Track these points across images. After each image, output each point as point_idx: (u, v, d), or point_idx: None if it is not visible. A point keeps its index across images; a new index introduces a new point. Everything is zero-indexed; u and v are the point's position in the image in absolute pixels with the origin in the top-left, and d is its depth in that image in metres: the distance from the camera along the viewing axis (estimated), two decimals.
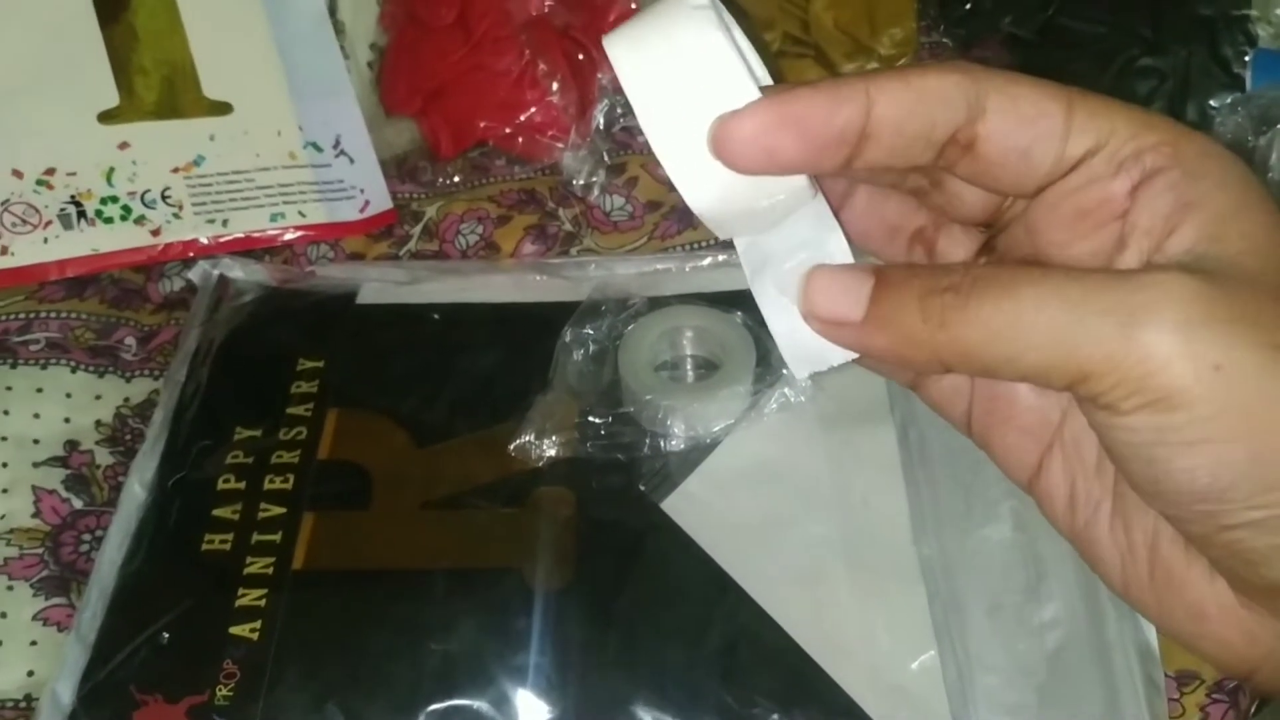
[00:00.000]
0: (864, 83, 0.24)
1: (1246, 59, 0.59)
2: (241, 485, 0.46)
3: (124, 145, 0.57)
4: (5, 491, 0.48)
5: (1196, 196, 0.23)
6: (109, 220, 0.55)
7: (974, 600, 0.41)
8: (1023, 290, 0.22)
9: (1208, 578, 0.25)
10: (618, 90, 0.62)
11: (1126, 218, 0.24)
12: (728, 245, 0.48)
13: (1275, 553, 0.23)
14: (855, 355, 0.26)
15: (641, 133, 0.25)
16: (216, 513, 0.45)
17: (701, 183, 0.24)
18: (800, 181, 0.25)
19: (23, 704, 0.43)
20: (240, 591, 0.42)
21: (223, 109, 0.59)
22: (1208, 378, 0.21)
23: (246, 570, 0.43)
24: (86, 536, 0.47)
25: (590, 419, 0.47)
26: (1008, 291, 0.22)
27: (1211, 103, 0.59)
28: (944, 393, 0.29)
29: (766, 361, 0.47)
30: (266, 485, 0.46)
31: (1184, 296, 0.21)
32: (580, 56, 0.61)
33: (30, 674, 0.44)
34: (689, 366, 0.50)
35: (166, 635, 0.41)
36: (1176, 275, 0.22)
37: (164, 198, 0.56)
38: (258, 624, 0.42)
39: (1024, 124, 0.24)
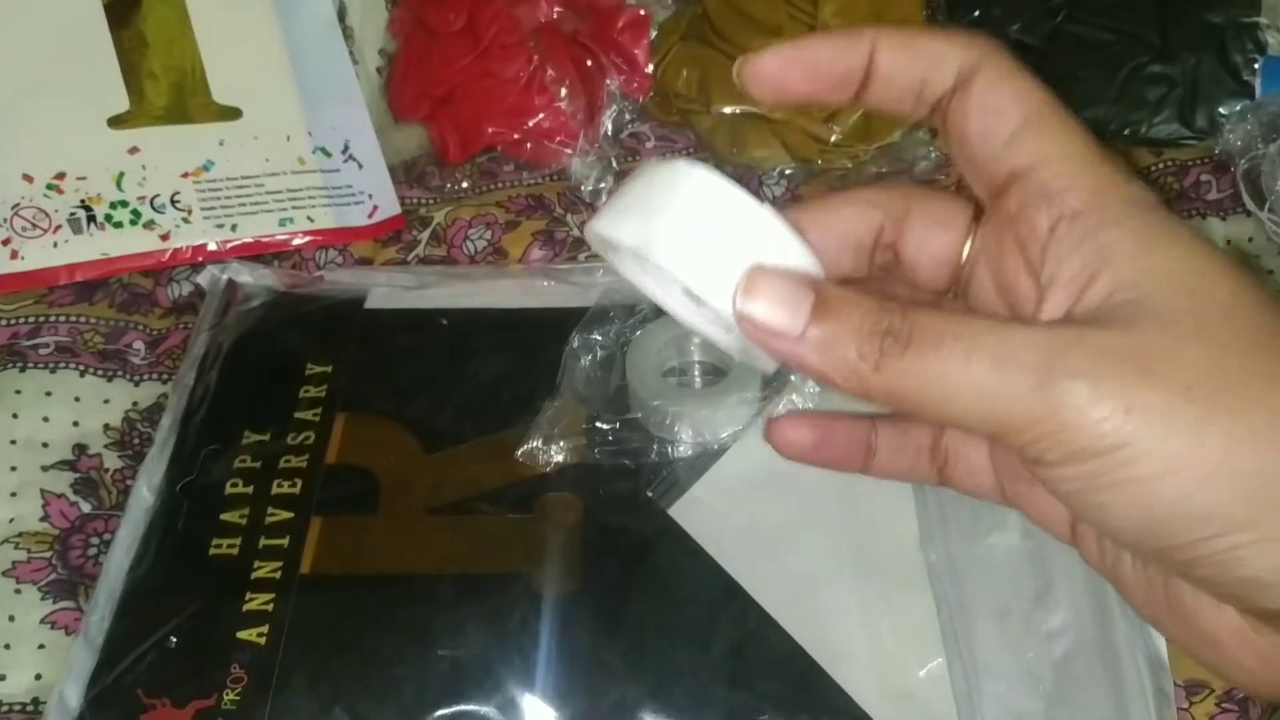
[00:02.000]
0: (871, 33, 0.27)
1: (1256, 66, 0.59)
2: (249, 489, 0.46)
3: (134, 150, 0.57)
4: (14, 495, 0.48)
5: (1113, 245, 0.24)
6: (118, 224, 0.55)
7: (981, 607, 0.41)
8: (951, 345, 0.23)
9: (1215, 605, 0.25)
10: (626, 96, 0.62)
11: (1047, 266, 0.25)
12: None
13: (1250, 585, 0.23)
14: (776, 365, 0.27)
15: (650, 139, 0.26)
16: (224, 517, 0.45)
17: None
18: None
19: (30, 707, 0.43)
20: (248, 596, 0.42)
21: (232, 114, 0.59)
22: (1120, 423, 0.22)
23: (254, 574, 0.43)
24: (95, 540, 0.47)
25: (598, 425, 0.47)
26: (937, 345, 0.23)
27: (1220, 110, 0.59)
28: (971, 474, 0.31)
29: None
30: (274, 489, 0.46)
31: (1095, 350, 0.22)
32: (589, 63, 0.61)
33: (38, 677, 0.44)
34: (697, 372, 0.50)
35: (174, 639, 0.41)
36: (1088, 331, 0.23)
37: (173, 202, 0.56)
38: (265, 628, 0.42)
39: (988, 115, 0.26)
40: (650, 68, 0.62)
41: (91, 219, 0.55)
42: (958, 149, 0.27)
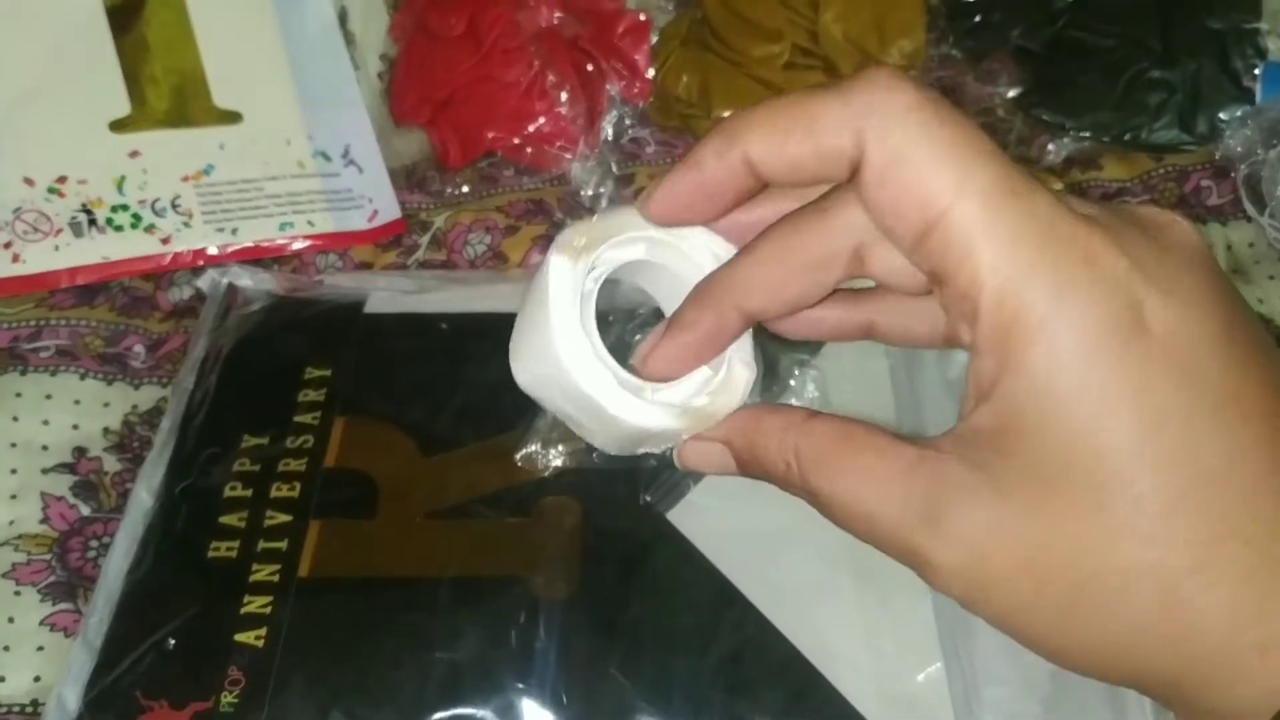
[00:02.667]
0: (742, 139, 0.24)
1: (1256, 72, 0.59)
2: (248, 493, 0.46)
3: (135, 154, 0.57)
4: (14, 498, 0.48)
5: (991, 378, 0.22)
6: (119, 228, 0.55)
7: None
8: (846, 476, 0.25)
9: None
10: (626, 101, 0.62)
11: (969, 365, 0.24)
12: None
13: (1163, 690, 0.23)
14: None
15: (650, 144, 0.26)
16: (223, 520, 0.45)
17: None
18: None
19: (29, 709, 0.43)
20: (246, 598, 0.42)
21: (233, 118, 0.59)
22: (961, 598, 0.24)
23: (252, 577, 0.43)
24: (94, 543, 0.47)
25: None
26: (833, 472, 0.26)
27: (1221, 115, 0.59)
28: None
29: (773, 372, 0.47)
30: (273, 493, 0.46)
31: (956, 485, 0.23)
32: (589, 68, 0.62)
33: (37, 679, 0.44)
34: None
35: (172, 641, 0.41)
36: (954, 470, 0.23)
37: (174, 206, 0.56)
38: (263, 631, 0.42)
39: (885, 215, 0.23)
40: (651, 73, 0.62)
41: (92, 222, 0.55)
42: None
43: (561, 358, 0.25)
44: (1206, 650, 0.21)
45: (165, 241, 0.56)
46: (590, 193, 0.59)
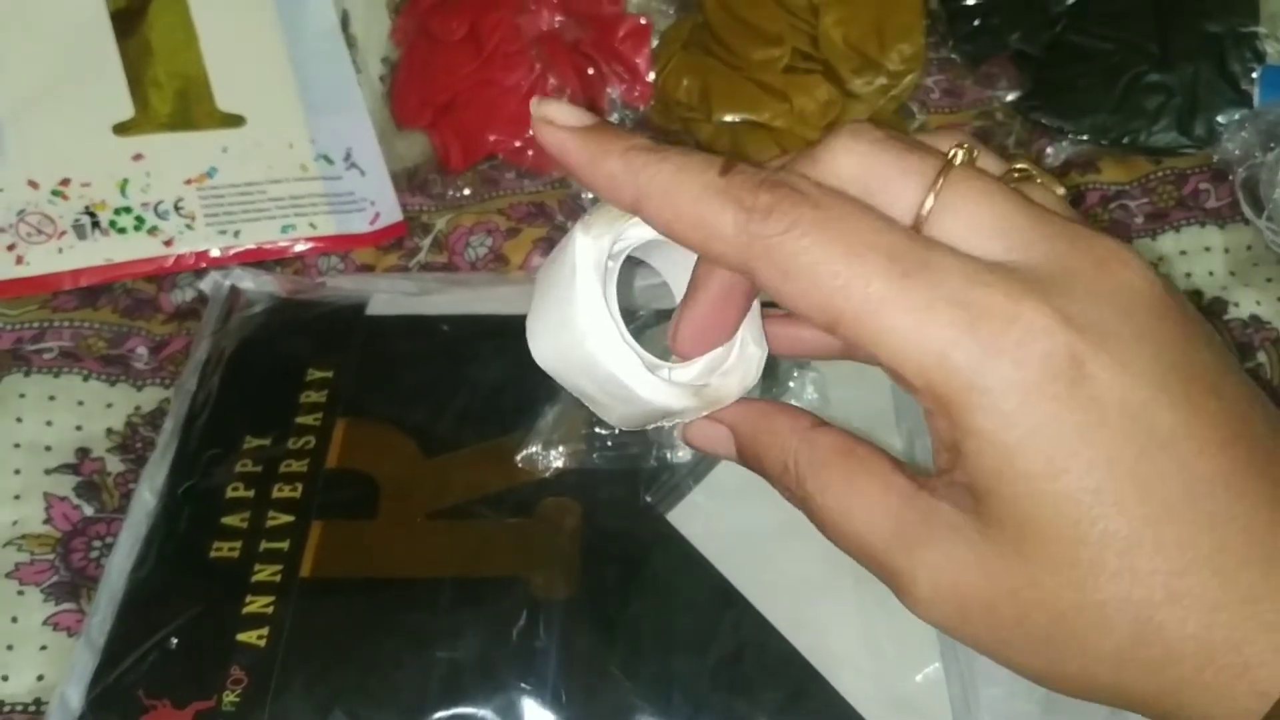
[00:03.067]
0: (631, 189, 0.24)
1: (1254, 75, 0.59)
2: (250, 493, 0.46)
3: (138, 157, 0.57)
4: (17, 498, 0.48)
5: (957, 448, 0.23)
6: (122, 230, 0.56)
7: None
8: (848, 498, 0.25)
9: None
10: (627, 105, 0.62)
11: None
12: None
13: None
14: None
15: None
16: (225, 520, 0.45)
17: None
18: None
19: (32, 708, 0.43)
20: (248, 598, 0.43)
21: (235, 121, 0.59)
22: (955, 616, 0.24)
23: (254, 577, 0.43)
24: (97, 543, 0.47)
25: (597, 430, 0.47)
26: (829, 485, 0.26)
27: (1219, 119, 0.59)
28: None
29: (773, 374, 0.47)
30: (275, 493, 0.46)
31: (944, 524, 0.24)
32: (590, 71, 0.62)
33: (40, 678, 0.44)
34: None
35: (175, 641, 0.42)
36: (943, 510, 0.24)
37: (177, 209, 0.57)
38: (265, 631, 0.42)
39: (794, 315, 0.24)
40: (651, 76, 0.63)
41: (96, 225, 0.56)
42: None
43: (586, 333, 0.25)
44: (1185, 674, 0.22)
45: (168, 244, 0.56)
46: (591, 196, 0.60)
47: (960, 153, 0.24)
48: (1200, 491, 0.22)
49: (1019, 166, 0.25)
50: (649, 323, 0.49)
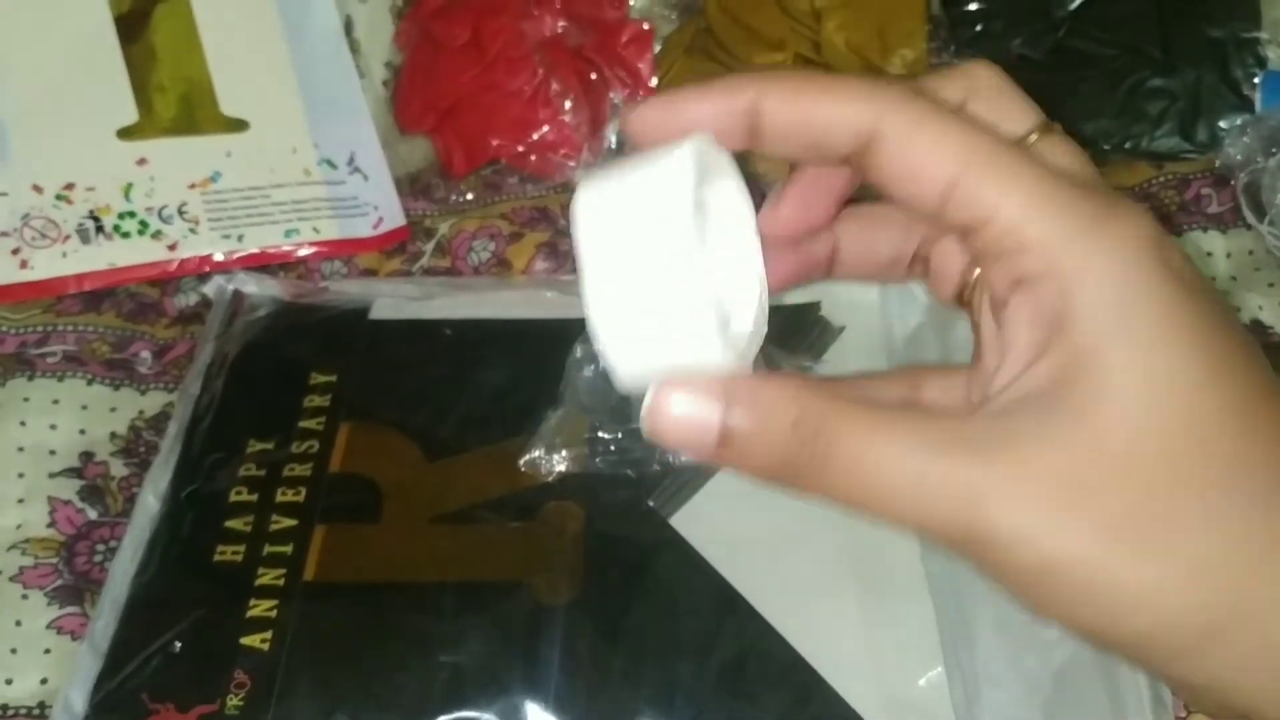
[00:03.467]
0: (755, 87, 0.24)
1: (1256, 81, 0.59)
2: (254, 497, 0.46)
3: (142, 161, 0.57)
4: (21, 501, 0.48)
5: (1065, 317, 0.22)
6: (126, 235, 0.56)
7: (981, 616, 0.41)
8: (879, 448, 0.23)
9: None
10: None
11: (1005, 329, 0.24)
12: None
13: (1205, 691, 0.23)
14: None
15: None
16: (229, 524, 0.45)
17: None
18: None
19: (36, 711, 0.43)
20: (251, 602, 0.43)
21: (239, 126, 0.60)
22: (1042, 561, 0.22)
23: (258, 581, 0.43)
24: (100, 547, 0.48)
25: (600, 435, 0.47)
26: (866, 446, 0.23)
27: (1221, 124, 0.59)
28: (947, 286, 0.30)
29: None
30: (278, 497, 0.46)
31: (1017, 479, 0.22)
32: (593, 76, 0.62)
33: (44, 682, 0.44)
34: None
35: (178, 645, 0.42)
36: (1013, 447, 0.22)
37: (180, 213, 0.57)
38: (269, 634, 0.42)
39: (905, 179, 0.24)
40: (654, 81, 0.63)
41: (100, 229, 0.56)
42: (895, 200, 0.25)
43: (678, 273, 0.23)
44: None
45: (172, 248, 0.56)
46: None
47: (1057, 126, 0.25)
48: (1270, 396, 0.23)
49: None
50: None
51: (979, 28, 0.64)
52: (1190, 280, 0.23)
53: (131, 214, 0.56)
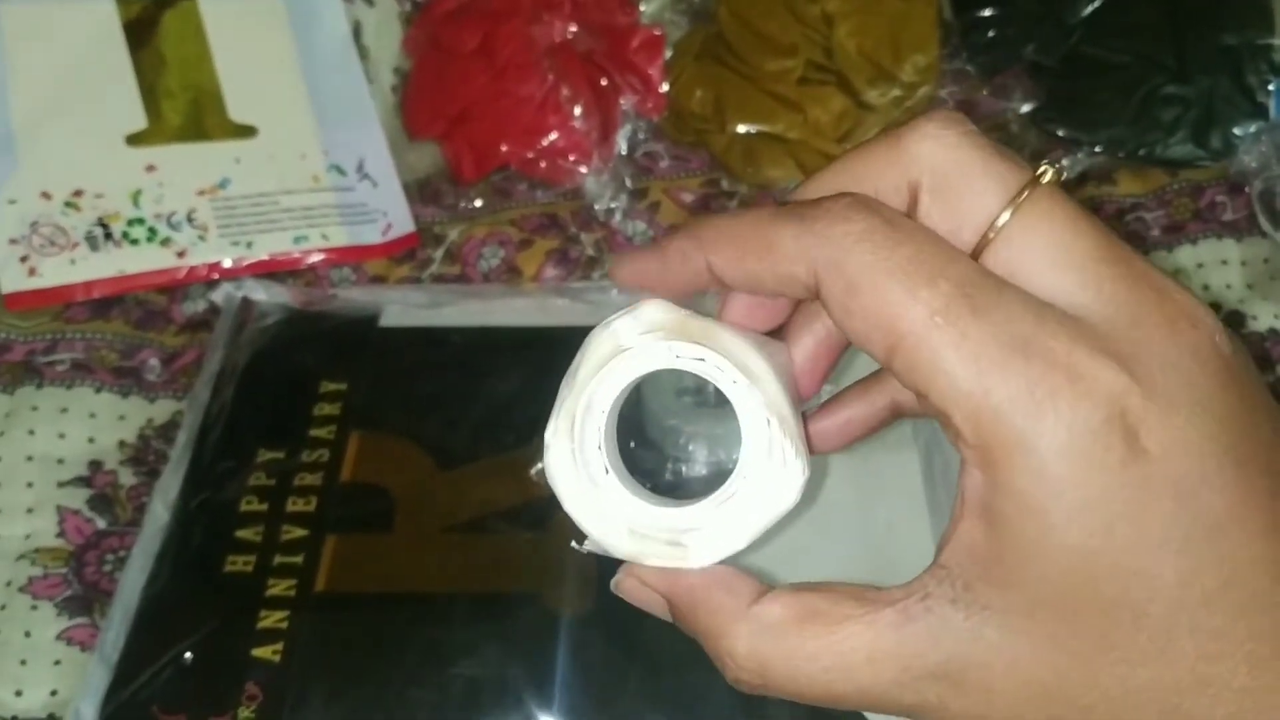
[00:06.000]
0: (704, 251, 0.24)
1: (1270, 88, 0.59)
2: (264, 507, 0.46)
3: (151, 168, 0.57)
4: (30, 511, 0.48)
5: (990, 512, 0.22)
6: (135, 242, 0.56)
7: None
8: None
9: None
10: (641, 116, 0.62)
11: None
12: None
13: None
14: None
15: (664, 158, 0.26)
16: (239, 534, 0.45)
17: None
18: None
19: None
20: (262, 613, 0.42)
21: (248, 132, 0.59)
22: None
23: (269, 592, 0.43)
24: (110, 556, 0.47)
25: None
26: (805, 659, 0.24)
27: (1235, 131, 0.59)
28: None
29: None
30: (289, 507, 0.46)
31: (957, 633, 0.22)
32: (603, 82, 0.62)
33: (54, 693, 0.44)
34: (712, 391, 0.50)
35: (189, 656, 0.41)
36: (949, 616, 0.22)
37: (189, 220, 0.57)
38: (280, 646, 0.42)
39: (852, 335, 0.23)
40: (664, 87, 0.62)
41: (108, 236, 0.55)
42: None
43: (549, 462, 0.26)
44: None
45: (180, 255, 0.56)
46: (603, 206, 0.59)
47: (1050, 172, 0.22)
48: (1241, 578, 0.21)
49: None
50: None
51: (991, 34, 0.64)
52: (1174, 440, 0.20)
53: (140, 221, 0.56)
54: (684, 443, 0.46)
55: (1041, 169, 0.22)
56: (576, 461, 0.26)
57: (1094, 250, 0.22)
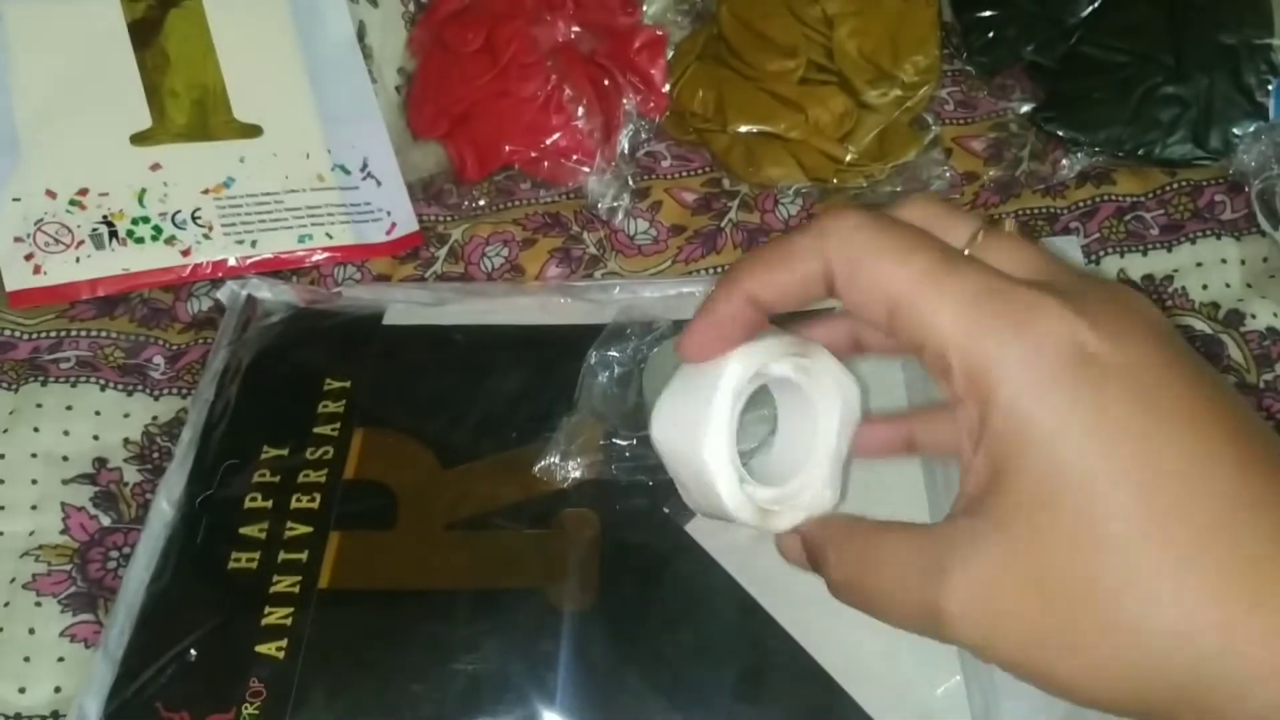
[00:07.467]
0: (746, 287, 0.29)
1: (1269, 88, 0.59)
2: (268, 504, 0.46)
3: (155, 166, 0.57)
4: (35, 508, 0.48)
5: (984, 435, 0.25)
6: (140, 240, 0.56)
7: None
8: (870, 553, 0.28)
9: None
10: (643, 116, 0.62)
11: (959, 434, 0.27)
12: None
13: None
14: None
15: (666, 158, 0.29)
16: (243, 531, 0.45)
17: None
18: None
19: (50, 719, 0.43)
20: (266, 610, 0.43)
21: (253, 131, 0.60)
22: (987, 658, 0.25)
23: (273, 589, 0.43)
24: (114, 553, 0.47)
25: (615, 441, 0.47)
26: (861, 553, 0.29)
27: (1234, 131, 0.59)
28: None
29: None
30: (293, 504, 0.46)
31: (959, 599, 0.25)
32: (606, 82, 0.62)
33: (58, 690, 0.44)
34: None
35: (193, 653, 0.42)
36: (960, 525, 0.26)
37: (194, 218, 0.57)
38: (284, 642, 0.42)
39: (858, 309, 0.27)
40: (666, 87, 0.63)
41: (113, 235, 0.56)
42: None
43: (705, 444, 0.30)
44: (1204, 652, 0.22)
45: (185, 253, 0.56)
46: (606, 205, 0.60)
47: (1008, 221, 0.28)
48: (1204, 467, 0.23)
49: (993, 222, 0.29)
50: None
51: (991, 34, 0.64)
52: (1126, 359, 0.24)
53: (145, 219, 0.56)
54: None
55: (995, 215, 0.28)
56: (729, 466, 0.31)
57: (1041, 258, 0.27)
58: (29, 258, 0.54)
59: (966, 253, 0.27)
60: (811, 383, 0.32)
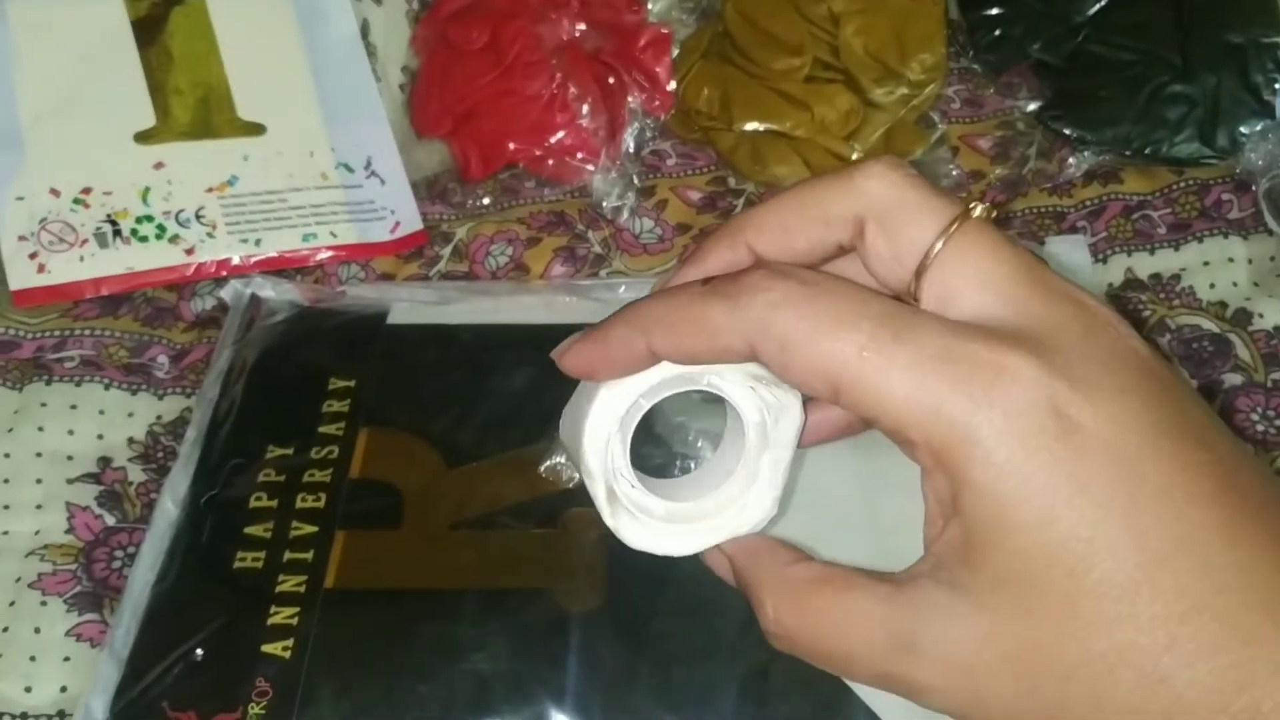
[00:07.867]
0: (646, 334, 0.26)
1: (1276, 86, 0.59)
2: (273, 503, 0.46)
3: (159, 165, 0.57)
4: (39, 508, 0.48)
5: (958, 505, 0.23)
6: (144, 239, 0.56)
7: None
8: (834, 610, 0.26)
9: None
10: (648, 114, 0.62)
11: (924, 492, 0.25)
12: None
13: None
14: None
15: (671, 156, 0.28)
16: (248, 530, 0.45)
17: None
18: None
19: (56, 719, 0.43)
20: (272, 609, 0.42)
21: (256, 130, 0.59)
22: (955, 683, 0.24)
23: (278, 588, 0.43)
24: (119, 553, 0.47)
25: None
26: (811, 616, 0.27)
27: (1241, 129, 0.59)
28: None
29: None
30: (298, 503, 0.46)
31: (934, 607, 0.24)
32: (610, 80, 0.62)
33: (63, 690, 0.44)
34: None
35: (199, 653, 0.41)
36: (930, 593, 0.24)
37: (198, 217, 0.57)
38: (290, 642, 0.42)
39: (797, 384, 0.26)
40: (672, 85, 0.63)
41: (117, 233, 0.55)
42: None
43: (584, 456, 0.30)
44: None
45: (189, 252, 0.56)
46: (611, 204, 0.59)
47: (980, 208, 0.25)
48: (1194, 538, 0.22)
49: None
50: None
51: (997, 32, 0.64)
52: (1109, 422, 0.22)
53: (149, 218, 0.56)
54: (692, 439, 0.46)
55: (972, 204, 0.25)
56: (617, 502, 0.30)
57: (1013, 274, 0.24)
58: (33, 256, 0.54)
59: (930, 258, 0.24)
60: (748, 399, 0.29)
